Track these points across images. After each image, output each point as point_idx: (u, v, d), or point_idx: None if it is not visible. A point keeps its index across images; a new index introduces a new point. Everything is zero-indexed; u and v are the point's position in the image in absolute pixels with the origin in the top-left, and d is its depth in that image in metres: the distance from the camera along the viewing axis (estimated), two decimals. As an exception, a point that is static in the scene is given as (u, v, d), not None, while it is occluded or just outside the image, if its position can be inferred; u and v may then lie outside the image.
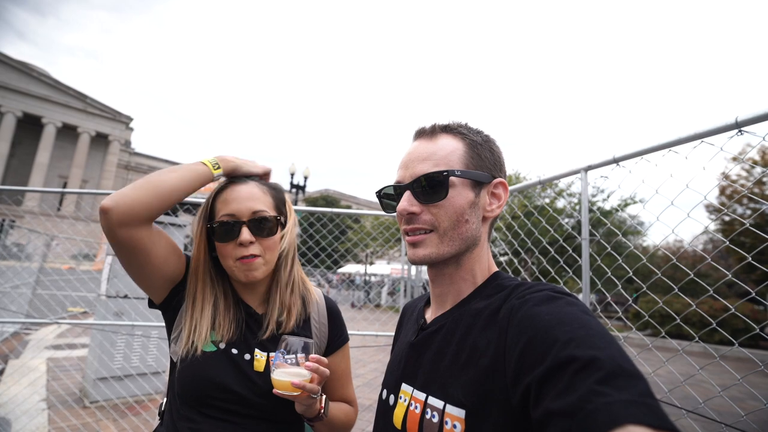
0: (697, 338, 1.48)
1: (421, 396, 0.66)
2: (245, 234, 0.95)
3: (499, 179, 0.74)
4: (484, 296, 0.68)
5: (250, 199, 0.98)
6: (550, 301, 0.57)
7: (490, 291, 0.69)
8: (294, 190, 20.36)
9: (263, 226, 0.97)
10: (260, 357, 0.96)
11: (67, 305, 7.10)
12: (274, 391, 0.82)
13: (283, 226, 1.03)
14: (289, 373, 0.82)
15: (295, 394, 0.81)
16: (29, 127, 42.65)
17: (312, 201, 40.95)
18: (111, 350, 4.16)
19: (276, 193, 1.05)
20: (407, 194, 0.71)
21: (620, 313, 1.81)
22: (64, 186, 42.48)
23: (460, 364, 0.62)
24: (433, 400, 0.63)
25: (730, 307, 1.46)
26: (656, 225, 1.66)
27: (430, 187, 0.70)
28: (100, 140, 46.84)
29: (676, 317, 1.57)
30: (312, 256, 3.89)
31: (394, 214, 0.77)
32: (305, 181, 18.77)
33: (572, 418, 0.42)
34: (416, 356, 0.72)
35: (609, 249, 1.82)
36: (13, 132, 41.00)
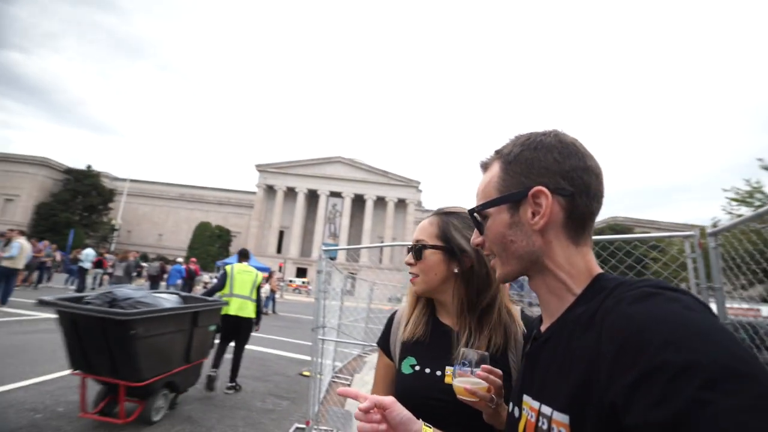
0: None
1: (536, 405, 0.66)
2: (408, 257, 1.22)
3: (536, 188, 0.69)
4: (586, 300, 0.66)
5: (419, 230, 1.23)
6: (647, 299, 0.51)
7: (592, 294, 0.66)
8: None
9: (418, 252, 1.19)
10: (450, 372, 1.08)
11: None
12: (457, 396, 0.93)
13: (447, 251, 1.16)
14: (465, 380, 0.92)
15: (473, 399, 0.90)
16: (358, 204, 59.00)
17: (597, 231, 36.69)
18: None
19: (443, 225, 1.19)
20: (476, 229, 0.81)
21: None
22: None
23: (565, 370, 0.61)
24: (544, 408, 0.64)
25: None
26: None
27: (477, 222, 0.79)
28: (400, 204, 59.25)
29: None
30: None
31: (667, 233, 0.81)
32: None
33: (672, 431, 0.38)
34: (531, 367, 0.74)
35: None
36: (350, 209, 57.78)
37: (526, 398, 0.72)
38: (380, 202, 58.97)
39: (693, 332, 0.44)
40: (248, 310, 5.40)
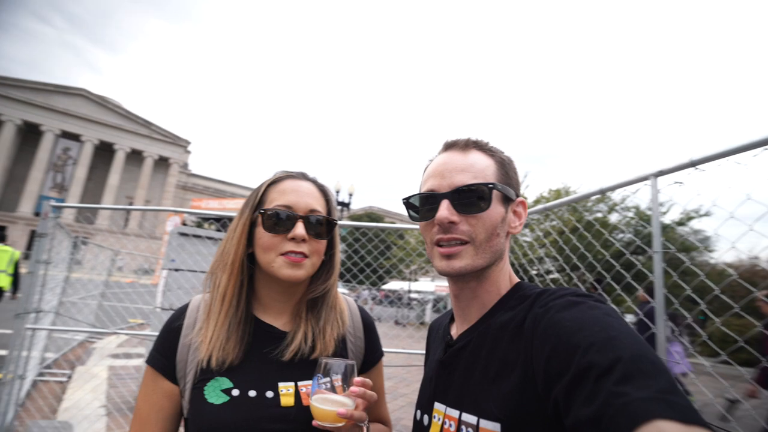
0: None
1: (455, 413, 0.65)
2: (300, 228, 0.85)
3: (520, 198, 0.78)
4: (508, 308, 0.69)
5: (309, 195, 0.91)
6: (572, 307, 0.57)
7: (514, 302, 0.69)
8: (339, 207, 20.70)
9: (317, 227, 0.89)
10: (286, 391, 0.84)
11: (127, 317, 7.57)
12: (315, 422, 0.72)
13: (331, 233, 0.94)
14: (332, 401, 0.72)
15: (340, 425, 0.71)
16: (103, 153, 47.04)
17: (356, 218, 41.56)
18: (164, 361, 4.33)
19: (330, 197, 0.97)
20: (447, 203, 0.70)
21: (705, 337, 1.58)
22: (130, 205, 46.45)
23: (491, 378, 0.62)
24: (466, 417, 0.63)
25: None
26: (730, 238, 1.44)
27: (472, 198, 0.71)
28: (162, 163, 50.70)
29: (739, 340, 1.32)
30: (357, 271, 3.85)
31: (417, 225, 0.79)
32: (350, 198, 19.07)
33: (598, 425, 0.42)
34: (446, 374, 0.73)
35: (687, 263, 1.60)
36: (90, 158, 45.48)
37: (438, 406, 0.71)
38: (136, 156, 48.86)
39: (614, 334, 0.49)
40: (4, 282, 6.67)
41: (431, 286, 21.52)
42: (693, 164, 1.53)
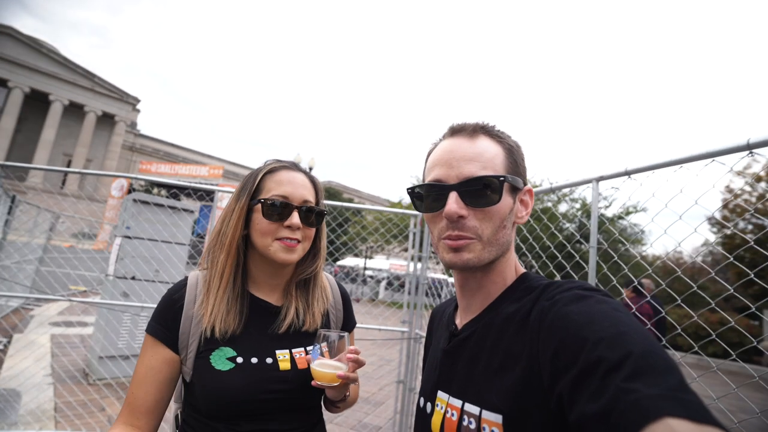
0: (696, 348, 1.54)
1: (458, 403, 0.66)
2: (296, 218, 0.97)
3: (528, 186, 0.75)
4: (514, 299, 0.68)
5: (303, 187, 1.01)
6: (580, 300, 0.56)
7: (520, 294, 0.68)
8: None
9: (309, 216, 1.01)
10: (283, 357, 0.97)
11: (68, 283, 7.20)
12: (314, 383, 0.87)
13: (321, 221, 1.06)
14: (331, 365, 0.88)
15: (336, 384, 0.87)
16: (36, 104, 42.57)
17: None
18: (118, 329, 4.26)
19: (318, 189, 1.07)
20: (455, 196, 0.67)
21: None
22: (68, 164, 42.67)
23: (495, 369, 0.62)
24: (469, 407, 0.63)
25: (730, 320, 1.53)
26: (656, 237, 1.74)
27: (483, 191, 0.67)
28: (106, 120, 46.75)
29: (678, 327, 1.63)
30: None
31: (377, 207, 0.79)
32: (310, 171, 18.89)
33: (606, 421, 0.41)
34: (450, 363, 0.73)
35: (616, 258, 1.88)
36: (20, 108, 40.99)
37: (441, 395, 0.71)
38: (76, 110, 44.62)
39: (623, 330, 0.49)
40: None
41: (386, 264, 21.99)
42: (627, 173, 1.80)
